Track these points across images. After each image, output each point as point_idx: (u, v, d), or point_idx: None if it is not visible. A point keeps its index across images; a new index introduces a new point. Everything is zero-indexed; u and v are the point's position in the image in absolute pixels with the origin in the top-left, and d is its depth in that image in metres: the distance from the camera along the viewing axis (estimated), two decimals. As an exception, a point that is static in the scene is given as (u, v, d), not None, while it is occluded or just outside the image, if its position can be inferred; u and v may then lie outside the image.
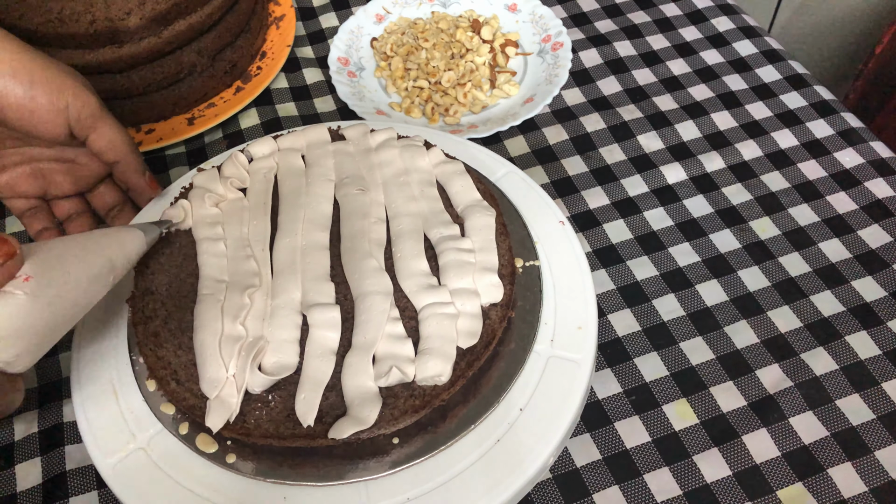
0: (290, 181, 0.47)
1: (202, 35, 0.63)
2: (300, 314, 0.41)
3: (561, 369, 0.41)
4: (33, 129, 0.46)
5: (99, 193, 0.54)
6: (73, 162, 0.51)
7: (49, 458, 0.47)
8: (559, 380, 0.41)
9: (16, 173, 0.50)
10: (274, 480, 0.38)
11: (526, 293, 0.44)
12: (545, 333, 0.43)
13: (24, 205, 0.51)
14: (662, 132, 0.63)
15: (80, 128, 0.47)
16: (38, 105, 0.44)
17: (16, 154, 0.49)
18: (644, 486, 0.45)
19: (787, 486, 0.44)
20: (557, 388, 0.40)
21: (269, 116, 0.67)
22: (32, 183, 0.50)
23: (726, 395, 0.48)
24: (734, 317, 0.51)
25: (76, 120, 0.46)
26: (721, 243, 0.55)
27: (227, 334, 0.39)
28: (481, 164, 0.51)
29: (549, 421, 0.39)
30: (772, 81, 0.66)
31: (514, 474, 0.38)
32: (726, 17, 0.72)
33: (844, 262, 0.54)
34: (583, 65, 0.69)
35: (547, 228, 0.47)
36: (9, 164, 0.49)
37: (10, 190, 0.50)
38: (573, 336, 0.42)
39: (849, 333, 0.50)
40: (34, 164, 0.50)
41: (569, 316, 0.43)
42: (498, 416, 0.39)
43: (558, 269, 0.45)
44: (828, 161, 0.60)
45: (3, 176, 0.49)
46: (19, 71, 0.43)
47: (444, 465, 0.38)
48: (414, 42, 0.68)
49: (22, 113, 0.44)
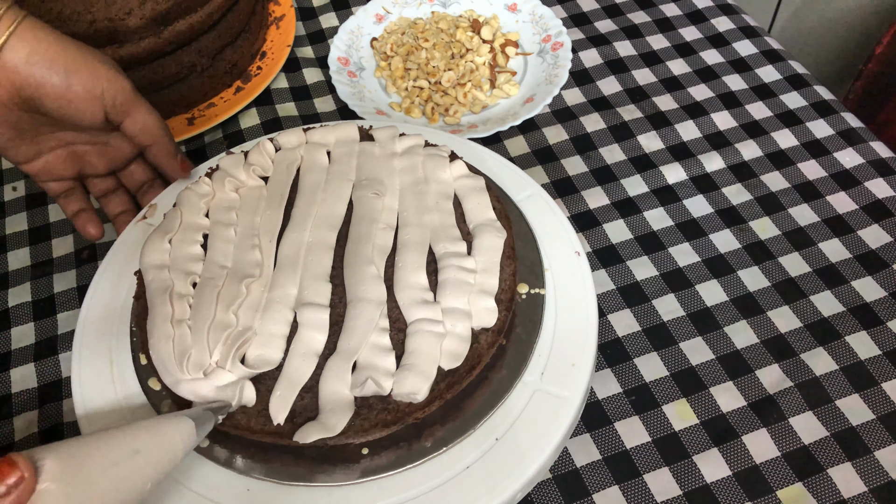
0: (310, 176, 0.47)
1: (202, 35, 0.63)
2: (293, 311, 0.41)
3: (546, 404, 0.40)
4: (71, 117, 0.47)
5: (130, 172, 0.55)
6: (107, 144, 0.52)
7: (49, 458, 0.47)
8: (542, 414, 0.40)
9: (52, 157, 0.51)
10: (240, 472, 0.38)
11: (526, 321, 0.43)
12: (537, 365, 0.41)
13: (60, 187, 0.53)
14: (662, 132, 0.63)
15: (116, 113, 0.48)
16: (75, 93, 0.45)
17: (51, 139, 0.50)
18: (644, 486, 0.45)
19: (787, 486, 0.44)
20: (539, 422, 0.39)
21: (269, 116, 0.67)
22: (68, 165, 0.51)
23: (726, 395, 0.48)
24: (734, 317, 0.51)
25: (111, 105, 0.47)
26: (721, 243, 0.55)
27: (217, 320, 0.39)
28: (507, 181, 0.50)
29: (523, 454, 0.38)
30: (772, 81, 0.66)
31: (481, 502, 0.37)
32: (726, 17, 0.72)
33: (844, 262, 0.54)
34: (583, 65, 0.69)
35: (561, 257, 0.46)
36: (45, 148, 0.50)
37: (48, 173, 0.51)
38: (566, 372, 0.41)
39: (849, 333, 0.50)
40: (69, 147, 0.51)
41: (566, 350, 0.42)
42: (473, 441, 0.39)
43: (564, 300, 0.44)
44: (828, 161, 0.60)
45: (39, 161, 0.50)
46: (55, 60, 0.44)
47: (413, 482, 0.38)
48: (414, 42, 0.68)
49: (60, 102, 0.45)
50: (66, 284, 0.56)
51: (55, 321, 0.54)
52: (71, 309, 0.55)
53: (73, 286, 0.56)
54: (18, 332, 0.54)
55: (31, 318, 0.54)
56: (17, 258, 0.58)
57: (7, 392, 0.51)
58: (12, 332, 0.54)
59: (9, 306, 0.55)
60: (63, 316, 0.54)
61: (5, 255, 0.59)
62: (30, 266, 0.58)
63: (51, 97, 0.45)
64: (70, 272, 0.57)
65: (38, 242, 0.59)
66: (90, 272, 0.56)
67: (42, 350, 0.53)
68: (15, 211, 0.62)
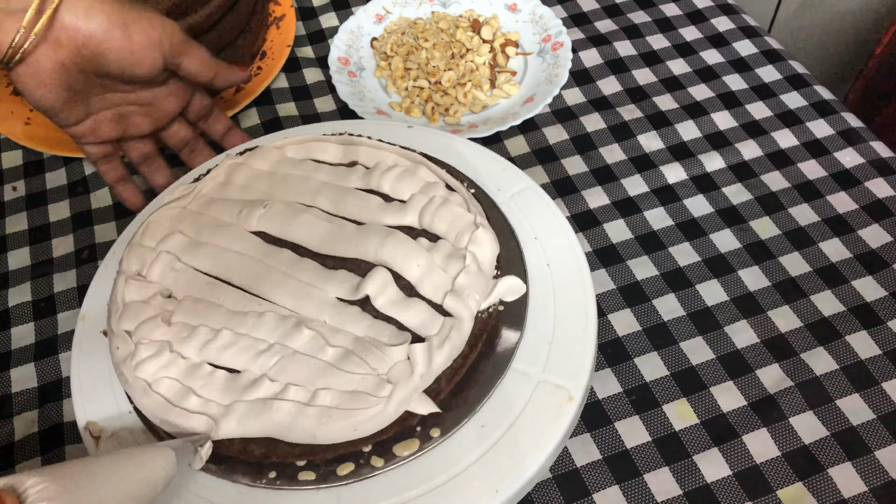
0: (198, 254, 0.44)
1: (202, 35, 0.63)
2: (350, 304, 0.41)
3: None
4: (132, 68, 0.48)
5: (173, 131, 0.56)
6: (151, 104, 0.53)
7: (49, 459, 0.47)
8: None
9: (99, 118, 0.52)
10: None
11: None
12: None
13: (101, 151, 0.54)
14: (662, 132, 0.63)
15: (173, 55, 0.49)
16: (135, 44, 0.47)
17: (100, 100, 0.51)
18: (644, 485, 0.45)
19: (787, 485, 0.44)
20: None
21: (269, 116, 0.67)
22: (114, 126, 0.53)
23: (726, 394, 0.48)
24: (734, 317, 0.51)
25: (169, 50, 0.49)
26: (721, 243, 0.55)
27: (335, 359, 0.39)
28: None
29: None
30: (772, 81, 0.66)
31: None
32: (726, 17, 0.72)
33: (844, 262, 0.54)
34: (583, 65, 0.69)
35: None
36: (93, 110, 0.51)
37: (94, 135, 0.52)
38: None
39: (849, 333, 0.50)
40: (116, 109, 0.52)
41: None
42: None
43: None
44: (828, 161, 0.60)
45: (87, 122, 0.51)
46: (112, 14, 0.45)
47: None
48: (414, 42, 0.68)
49: (122, 54, 0.46)
50: (66, 284, 0.56)
51: (55, 321, 0.54)
52: (71, 309, 0.55)
53: (73, 286, 0.56)
54: (18, 332, 0.54)
55: (31, 317, 0.54)
56: (17, 258, 0.58)
57: (7, 392, 0.51)
58: (12, 332, 0.54)
59: (9, 306, 0.55)
60: (63, 316, 0.54)
61: (5, 255, 0.59)
62: (30, 266, 0.58)
63: (114, 51, 0.46)
64: (70, 272, 0.57)
65: (38, 242, 0.59)
66: (90, 272, 0.56)
67: (42, 350, 0.53)
68: (15, 211, 0.62)
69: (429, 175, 0.46)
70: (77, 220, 0.60)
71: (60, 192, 0.63)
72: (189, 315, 0.41)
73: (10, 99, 0.67)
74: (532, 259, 0.45)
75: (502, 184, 0.49)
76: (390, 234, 0.43)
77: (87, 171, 0.63)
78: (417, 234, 0.44)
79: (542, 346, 0.42)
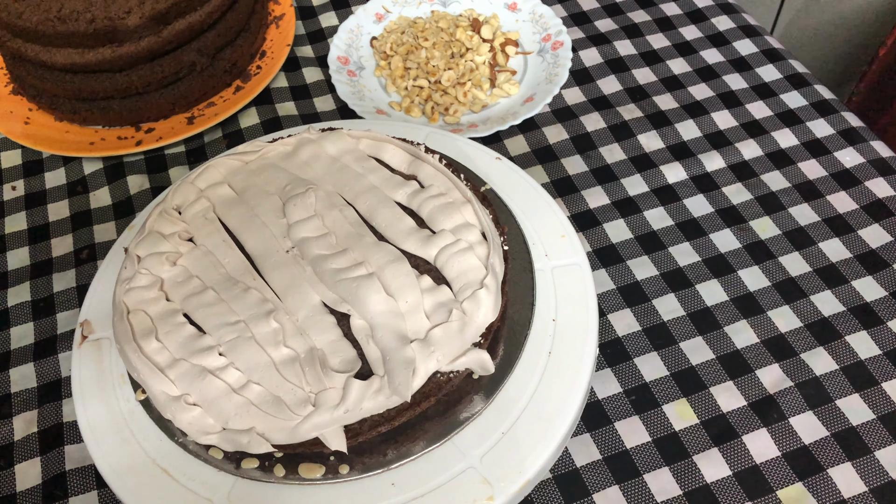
0: (232, 210, 0.45)
1: (202, 34, 0.63)
2: (330, 313, 0.40)
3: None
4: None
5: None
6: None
7: (49, 458, 0.47)
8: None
9: None
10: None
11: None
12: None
13: None
14: (662, 131, 0.63)
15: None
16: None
17: None
18: (644, 486, 0.45)
19: (787, 486, 0.44)
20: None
21: (268, 116, 0.67)
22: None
23: (726, 395, 0.48)
24: (734, 317, 0.51)
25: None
26: (721, 243, 0.55)
27: (279, 360, 0.38)
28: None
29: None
30: (772, 81, 0.66)
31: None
32: (726, 17, 0.72)
33: (844, 262, 0.54)
34: (583, 64, 0.69)
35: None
36: None
37: None
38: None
39: (849, 333, 0.50)
40: None
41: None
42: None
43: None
44: (828, 160, 0.60)
45: None
46: None
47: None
48: (414, 41, 0.68)
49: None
50: (66, 284, 0.56)
51: (55, 321, 0.54)
52: (70, 309, 0.55)
53: (72, 286, 0.56)
54: (18, 332, 0.54)
55: (30, 317, 0.54)
56: (17, 258, 0.58)
57: (7, 392, 0.51)
58: (12, 332, 0.54)
59: (8, 306, 0.55)
60: (62, 316, 0.54)
61: (5, 255, 0.59)
62: (29, 266, 0.58)
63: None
64: (70, 272, 0.57)
65: (37, 242, 0.59)
66: (90, 272, 0.56)
67: (41, 350, 0.53)
68: (14, 210, 0.62)
69: (471, 216, 0.43)
70: (76, 219, 0.60)
71: (60, 191, 0.62)
72: (192, 264, 0.43)
73: (9, 98, 0.67)
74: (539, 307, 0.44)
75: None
76: (398, 261, 0.41)
77: (87, 170, 0.63)
78: (427, 269, 0.41)
79: (494, 435, 0.39)
